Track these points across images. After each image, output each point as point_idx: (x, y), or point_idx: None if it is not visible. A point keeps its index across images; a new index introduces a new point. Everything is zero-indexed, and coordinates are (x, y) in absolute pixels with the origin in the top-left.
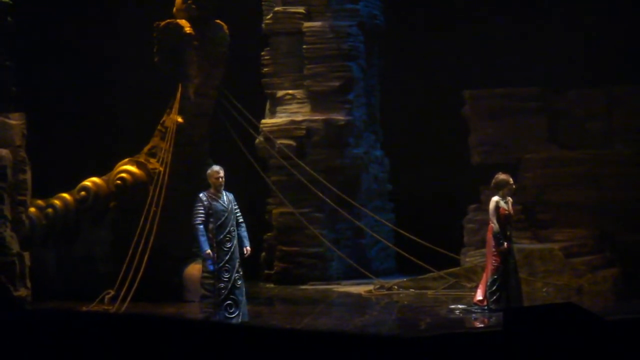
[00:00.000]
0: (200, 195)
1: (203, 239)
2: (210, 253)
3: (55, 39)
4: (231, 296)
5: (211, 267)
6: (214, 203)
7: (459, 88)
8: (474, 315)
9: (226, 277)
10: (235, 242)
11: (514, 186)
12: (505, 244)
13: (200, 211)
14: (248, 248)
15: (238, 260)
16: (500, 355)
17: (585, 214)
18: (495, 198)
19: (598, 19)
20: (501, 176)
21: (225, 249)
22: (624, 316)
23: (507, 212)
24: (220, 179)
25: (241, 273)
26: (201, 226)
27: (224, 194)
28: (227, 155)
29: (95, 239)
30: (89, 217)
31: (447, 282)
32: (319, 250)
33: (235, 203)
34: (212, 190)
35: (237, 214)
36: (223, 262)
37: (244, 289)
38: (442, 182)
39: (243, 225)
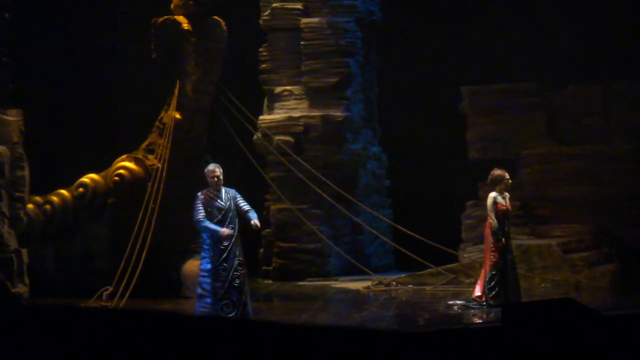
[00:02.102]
0: (198, 194)
1: (212, 226)
2: (227, 230)
3: (54, 35)
4: (227, 296)
5: (208, 266)
6: (211, 201)
7: (457, 84)
8: (472, 311)
9: (223, 276)
10: (234, 240)
11: (510, 181)
12: (504, 239)
13: (200, 208)
14: (257, 222)
15: (238, 259)
16: (498, 351)
17: (583, 210)
18: (493, 194)
19: (596, 14)
20: (497, 172)
21: (222, 247)
22: (622, 312)
23: (505, 207)
24: (216, 178)
25: (241, 272)
26: (205, 220)
27: (223, 191)
28: (225, 151)
29: (93, 235)
30: (87, 214)
31: (446, 278)
32: (317, 247)
33: (238, 197)
34: (210, 189)
35: (242, 205)
36: (220, 261)
37: (245, 289)
38: (440, 178)
39: (251, 210)
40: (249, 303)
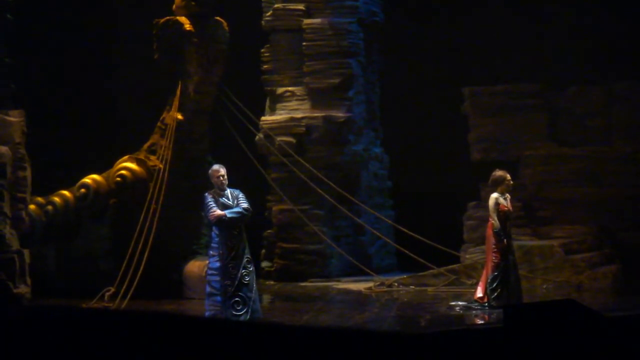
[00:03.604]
0: (206, 194)
1: (233, 211)
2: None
3: (56, 36)
4: (238, 293)
5: (217, 264)
6: (218, 200)
7: (459, 85)
8: (474, 312)
9: (232, 274)
10: (241, 238)
11: (511, 182)
12: (505, 240)
13: (213, 205)
14: (223, 213)
15: (247, 257)
16: (500, 352)
17: (585, 211)
18: (495, 195)
19: (598, 15)
20: (498, 173)
21: (231, 245)
22: (623, 313)
23: (506, 208)
24: (221, 177)
25: (249, 269)
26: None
27: (229, 191)
28: (227, 152)
29: (95, 236)
30: (88, 214)
31: (447, 279)
32: (319, 247)
33: (240, 196)
34: (215, 189)
35: (239, 202)
36: (229, 259)
37: (253, 286)
38: (442, 179)
39: (239, 206)
40: (258, 300)
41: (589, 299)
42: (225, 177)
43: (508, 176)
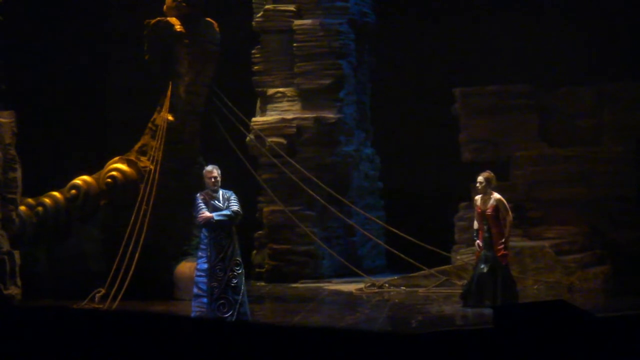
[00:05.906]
0: (197, 195)
1: (221, 214)
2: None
3: (46, 37)
4: (224, 295)
5: (204, 266)
6: (209, 202)
7: (450, 86)
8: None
9: (219, 276)
10: (230, 241)
11: (478, 185)
12: (477, 241)
13: (202, 205)
14: (209, 215)
15: (236, 259)
16: (491, 353)
17: (576, 212)
18: (497, 196)
19: (589, 16)
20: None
21: (219, 247)
22: (614, 313)
23: (480, 209)
24: (214, 179)
25: (238, 272)
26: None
27: (221, 192)
28: (218, 153)
29: (85, 237)
30: (79, 216)
31: (438, 280)
32: (310, 248)
33: (232, 198)
34: (207, 190)
35: (230, 204)
36: (216, 261)
37: (241, 289)
38: (433, 179)
39: (228, 209)
40: (246, 303)
41: (579, 300)
42: (218, 178)
43: (479, 177)
